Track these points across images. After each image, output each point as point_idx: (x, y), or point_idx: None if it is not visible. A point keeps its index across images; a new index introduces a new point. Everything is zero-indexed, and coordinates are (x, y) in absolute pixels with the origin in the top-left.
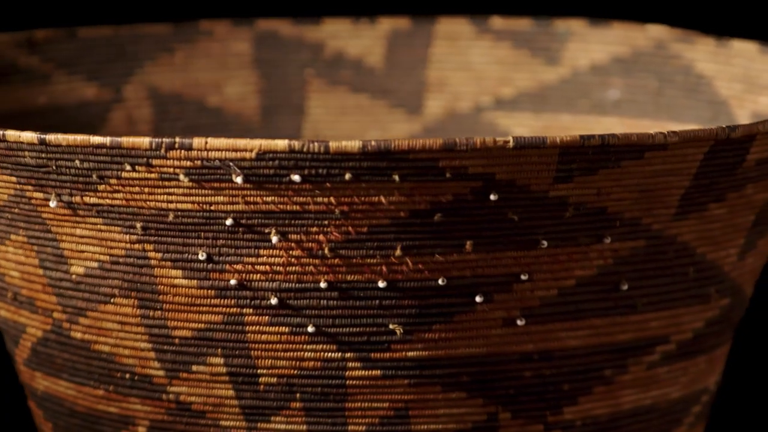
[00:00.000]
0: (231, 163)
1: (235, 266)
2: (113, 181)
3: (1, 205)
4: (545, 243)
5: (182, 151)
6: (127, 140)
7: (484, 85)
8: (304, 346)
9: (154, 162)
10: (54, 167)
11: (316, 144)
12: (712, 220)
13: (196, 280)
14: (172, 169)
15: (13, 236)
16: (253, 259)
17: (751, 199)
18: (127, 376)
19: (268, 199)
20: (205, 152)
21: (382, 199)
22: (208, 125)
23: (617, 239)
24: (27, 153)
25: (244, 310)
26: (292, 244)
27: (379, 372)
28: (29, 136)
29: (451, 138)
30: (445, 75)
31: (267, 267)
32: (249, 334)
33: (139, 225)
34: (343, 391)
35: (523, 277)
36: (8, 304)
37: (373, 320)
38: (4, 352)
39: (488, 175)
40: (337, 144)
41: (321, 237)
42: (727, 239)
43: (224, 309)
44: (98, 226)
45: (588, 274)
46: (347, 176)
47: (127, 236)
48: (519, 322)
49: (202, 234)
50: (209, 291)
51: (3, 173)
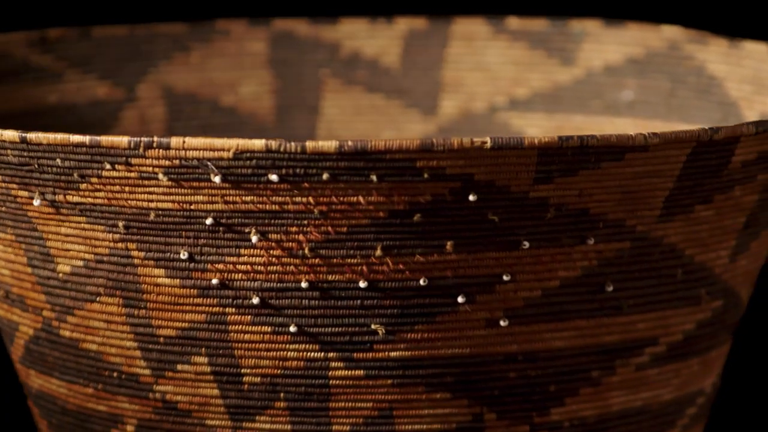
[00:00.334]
0: (209, 163)
1: (216, 265)
2: (94, 180)
3: None
4: (527, 244)
5: (160, 150)
6: (106, 139)
7: (498, 86)
8: (287, 346)
9: (134, 161)
10: (36, 166)
11: (293, 144)
12: (699, 221)
13: (178, 279)
14: (151, 169)
15: (2, 234)
16: (234, 259)
17: (739, 201)
18: (115, 374)
19: (247, 199)
20: (183, 151)
21: (361, 199)
22: (222, 125)
23: (601, 240)
24: (9, 151)
25: (227, 310)
26: (273, 244)
27: (362, 372)
28: (11, 135)
29: (428, 138)
30: (461, 75)
31: (248, 266)
32: (232, 334)
33: (121, 224)
34: (327, 391)
35: (506, 278)
36: (1, 303)
37: (355, 320)
38: (4, 352)
39: (467, 176)
40: (313, 144)
41: (301, 237)
42: (717, 241)
43: (207, 308)
44: (82, 225)
45: (572, 275)
46: (325, 176)
47: (111, 235)
48: (502, 323)
49: (183, 233)
50: (192, 290)
51: None
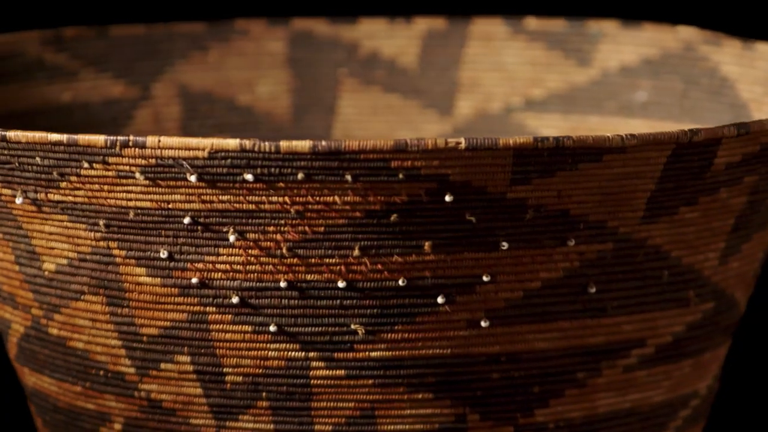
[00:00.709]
0: (184, 162)
1: (196, 265)
2: (73, 179)
3: None
4: (506, 245)
5: (136, 149)
6: (83, 138)
7: (515, 86)
8: (268, 346)
9: (110, 160)
10: (17, 164)
11: (267, 144)
12: (684, 223)
13: (159, 278)
14: (128, 167)
15: None
16: (213, 258)
17: (726, 203)
18: (101, 373)
19: (224, 198)
20: (159, 150)
21: (337, 199)
22: (238, 124)
23: (583, 242)
24: None
25: (207, 309)
26: (250, 243)
27: (343, 372)
28: None
29: (402, 139)
30: (478, 75)
31: (227, 266)
32: (213, 333)
33: (102, 222)
34: (308, 391)
35: (486, 279)
36: None
37: (335, 320)
38: (4, 352)
39: (442, 176)
40: (287, 144)
41: (278, 236)
42: (705, 243)
43: (188, 307)
44: (65, 223)
45: (554, 276)
46: (300, 176)
47: (92, 233)
48: (484, 324)
49: (163, 232)
50: (172, 289)
51: None
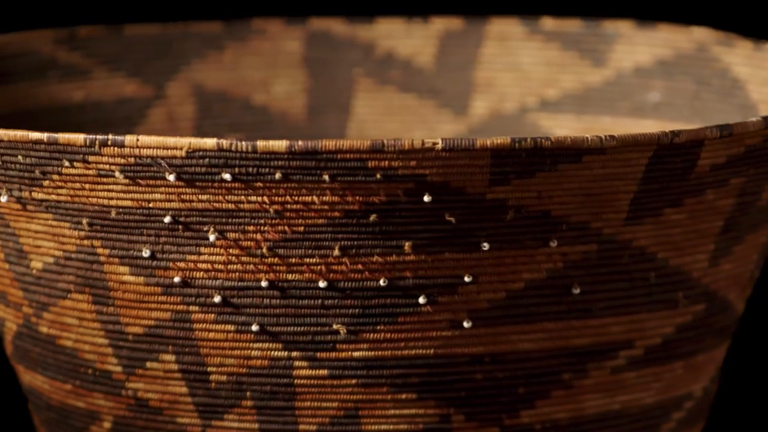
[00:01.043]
0: (162, 161)
1: (178, 264)
2: (55, 177)
3: None
4: (487, 245)
5: (115, 148)
6: (62, 136)
7: (530, 87)
8: (251, 345)
9: (90, 159)
10: (0, 162)
11: (244, 143)
12: (670, 225)
13: (142, 277)
14: (108, 166)
15: None
16: (195, 257)
17: (713, 205)
18: (90, 371)
19: (203, 198)
20: (137, 149)
21: (315, 199)
22: (252, 123)
23: (565, 243)
24: None
25: (191, 308)
26: (231, 243)
27: (326, 372)
28: None
29: (379, 139)
30: (493, 76)
31: (208, 265)
32: (197, 332)
33: (85, 221)
34: (292, 390)
35: (467, 279)
36: None
37: (317, 320)
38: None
39: (419, 177)
40: (264, 143)
41: (258, 236)
42: (693, 245)
43: (171, 306)
44: (50, 222)
45: (537, 277)
46: (277, 175)
47: (76, 232)
48: (466, 324)
49: (145, 231)
50: (156, 288)
51: None
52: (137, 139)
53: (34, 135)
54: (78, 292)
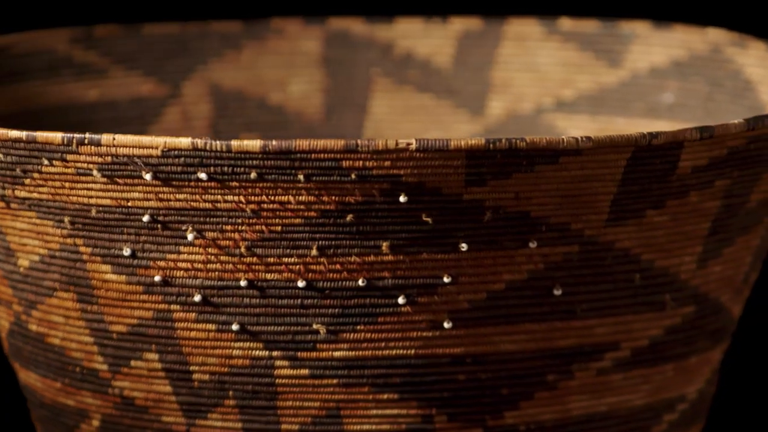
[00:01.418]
0: (137, 160)
1: (158, 263)
2: (36, 175)
3: None
4: (465, 246)
5: (92, 147)
6: (41, 135)
7: (547, 87)
8: (232, 344)
9: (69, 157)
10: None
11: (219, 143)
12: (654, 227)
13: (124, 276)
14: (86, 165)
15: None
16: (175, 256)
17: (698, 207)
18: (77, 369)
19: (180, 197)
20: (114, 148)
21: (291, 199)
22: (267, 123)
23: (546, 244)
24: None
25: (172, 307)
26: (209, 242)
27: (307, 371)
28: None
29: (353, 139)
30: (510, 76)
31: (188, 264)
32: (179, 331)
33: (67, 219)
34: (273, 390)
35: (447, 280)
36: None
37: (297, 319)
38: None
39: (394, 177)
40: (238, 143)
41: (236, 235)
42: (679, 247)
43: (153, 305)
44: (33, 220)
45: (518, 278)
46: (253, 175)
47: (59, 230)
48: (446, 325)
49: (125, 230)
50: (137, 287)
51: None
52: (113, 138)
53: (14, 133)
54: (63, 290)
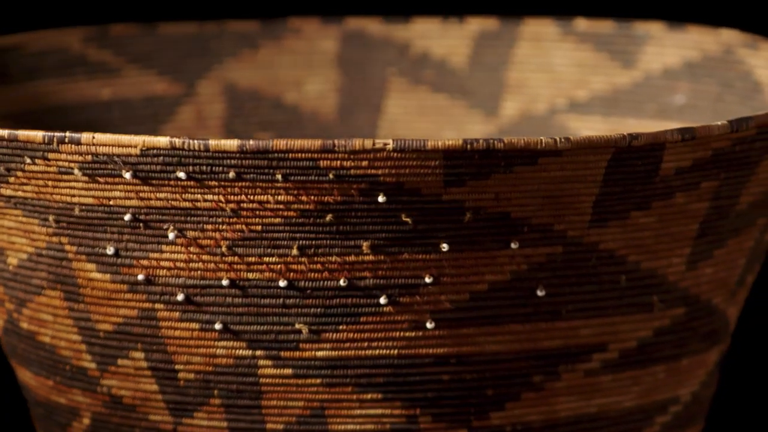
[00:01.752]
0: (117, 159)
1: (141, 261)
2: (20, 174)
3: None
4: (446, 246)
5: (72, 146)
6: (22, 134)
7: (561, 88)
8: (215, 343)
9: (50, 156)
10: None
11: (196, 142)
12: (638, 228)
13: (108, 274)
14: (67, 164)
15: None
16: (157, 255)
17: (684, 209)
18: (67, 367)
19: (160, 196)
20: (94, 147)
21: (270, 198)
22: (282, 122)
23: (528, 245)
24: None
25: (156, 306)
26: (191, 241)
27: (290, 371)
28: None
29: (330, 139)
30: (525, 76)
31: (171, 263)
32: (163, 330)
33: (51, 218)
34: (258, 389)
35: (428, 280)
36: None
37: (279, 319)
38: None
39: (372, 177)
40: (216, 142)
41: (216, 234)
42: (666, 248)
43: (137, 304)
44: (20, 218)
45: (501, 279)
46: (231, 174)
47: (45, 229)
48: (429, 325)
49: (108, 228)
50: (121, 285)
51: None
52: (93, 137)
53: None
54: (51, 289)
